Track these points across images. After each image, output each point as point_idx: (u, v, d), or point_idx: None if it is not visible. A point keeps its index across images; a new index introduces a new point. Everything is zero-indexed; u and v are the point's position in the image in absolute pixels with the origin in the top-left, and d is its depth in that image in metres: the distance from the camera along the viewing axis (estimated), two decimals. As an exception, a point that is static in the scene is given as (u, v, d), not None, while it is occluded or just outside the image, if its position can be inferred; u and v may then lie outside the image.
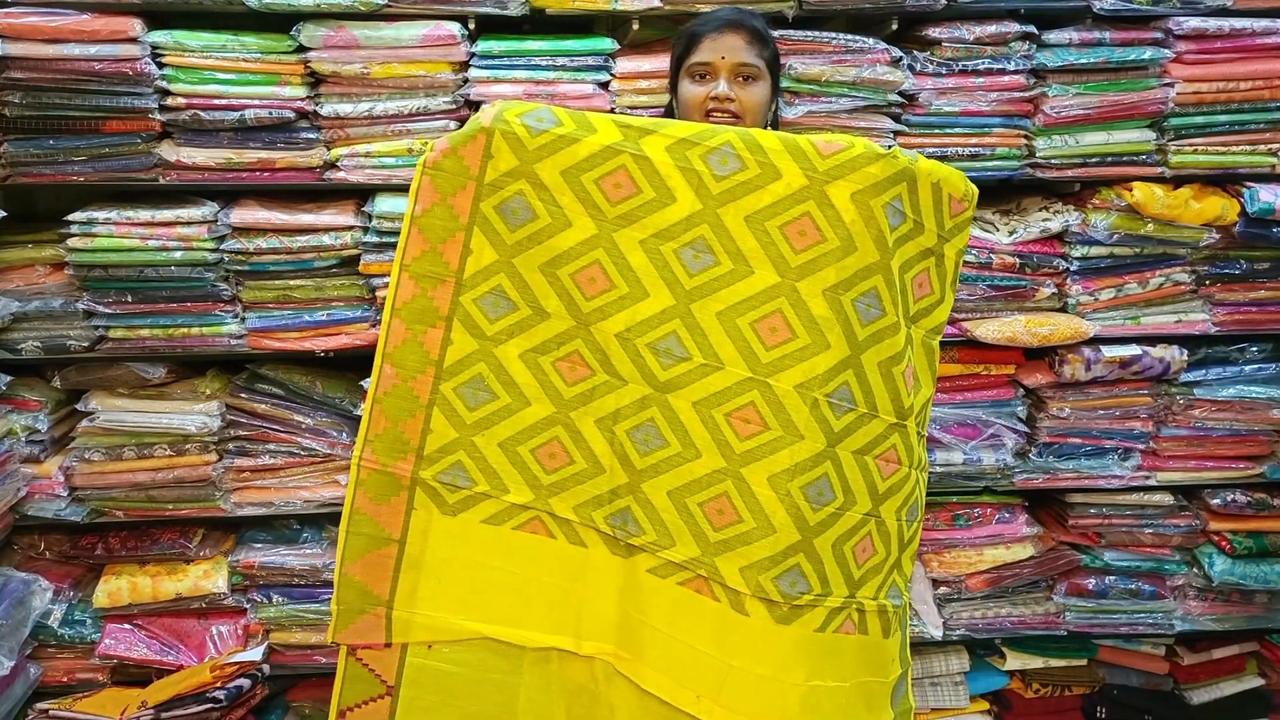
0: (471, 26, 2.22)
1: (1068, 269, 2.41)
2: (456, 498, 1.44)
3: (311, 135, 2.24)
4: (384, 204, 2.24)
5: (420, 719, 1.50)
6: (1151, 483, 2.55)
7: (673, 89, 1.77)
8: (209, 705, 2.21)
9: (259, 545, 2.46)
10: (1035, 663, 2.65)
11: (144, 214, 2.22)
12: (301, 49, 2.18)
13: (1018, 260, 2.38)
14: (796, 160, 1.35)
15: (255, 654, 2.37)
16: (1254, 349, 2.54)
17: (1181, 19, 2.29)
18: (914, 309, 1.44)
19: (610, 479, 1.43)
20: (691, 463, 1.39)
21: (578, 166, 1.38)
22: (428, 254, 1.40)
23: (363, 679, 1.50)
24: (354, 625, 1.47)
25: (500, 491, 1.44)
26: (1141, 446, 2.54)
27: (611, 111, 2.23)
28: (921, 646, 2.59)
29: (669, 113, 1.83)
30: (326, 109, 2.22)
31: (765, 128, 1.73)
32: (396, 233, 2.24)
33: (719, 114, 1.65)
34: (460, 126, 2.24)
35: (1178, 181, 2.37)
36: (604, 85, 2.26)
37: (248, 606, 2.44)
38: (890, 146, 1.40)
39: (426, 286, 1.40)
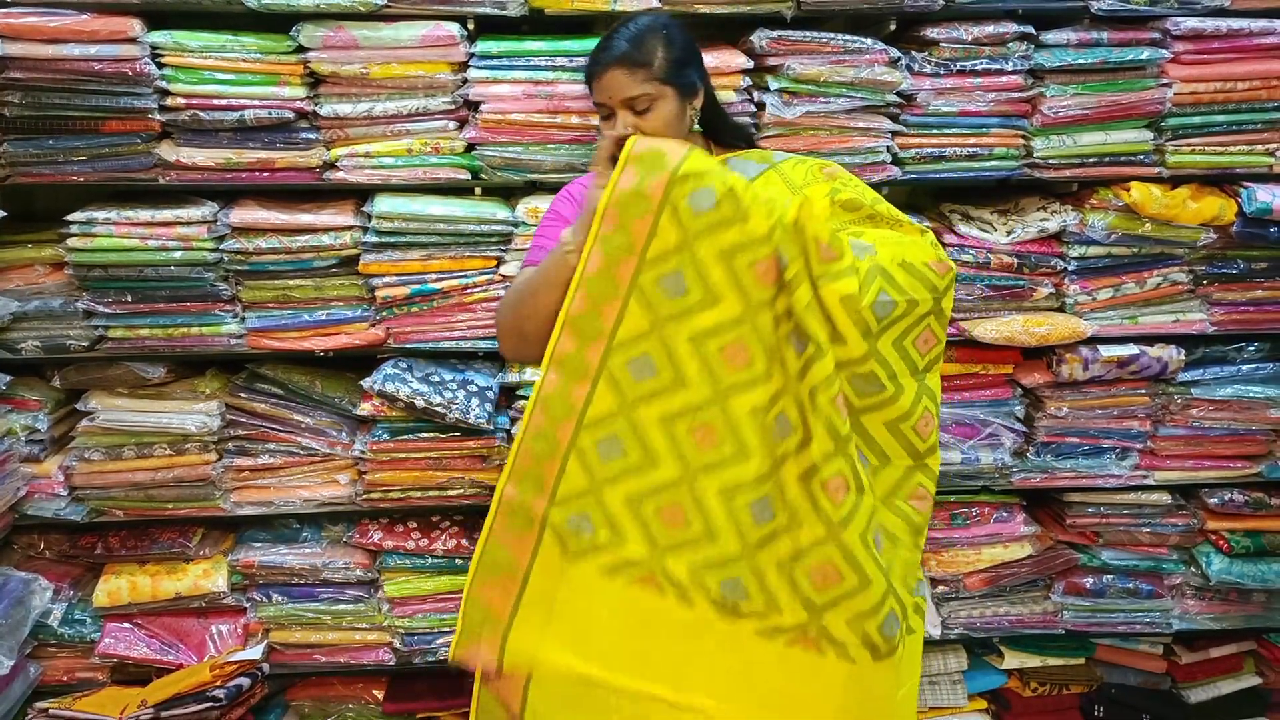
0: (470, 27, 2.22)
1: (1065, 269, 2.42)
2: (579, 544, 1.49)
3: (311, 135, 2.24)
4: (383, 204, 2.24)
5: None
6: (1149, 482, 2.56)
7: None
8: (208, 704, 2.22)
9: (258, 544, 2.47)
10: (1033, 661, 2.66)
11: (144, 214, 2.22)
12: (301, 49, 2.19)
13: (1015, 260, 2.38)
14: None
15: (255, 653, 2.38)
16: (1251, 348, 2.54)
17: (1179, 19, 2.29)
18: (923, 363, 1.59)
19: (724, 546, 1.48)
20: (795, 532, 1.47)
21: (732, 249, 1.45)
22: (589, 313, 1.45)
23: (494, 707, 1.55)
24: (473, 645, 1.52)
25: (619, 544, 1.49)
26: (1139, 446, 2.54)
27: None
28: (920, 645, 2.60)
29: None
30: (326, 109, 2.22)
31: (689, 133, 1.76)
32: (396, 233, 2.26)
33: None
34: (459, 128, 2.28)
35: (1175, 181, 2.37)
36: (603, 85, 2.26)
37: (247, 605, 2.45)
38: (865, 254, 1.52)
39: (583, 344, 1.46)
